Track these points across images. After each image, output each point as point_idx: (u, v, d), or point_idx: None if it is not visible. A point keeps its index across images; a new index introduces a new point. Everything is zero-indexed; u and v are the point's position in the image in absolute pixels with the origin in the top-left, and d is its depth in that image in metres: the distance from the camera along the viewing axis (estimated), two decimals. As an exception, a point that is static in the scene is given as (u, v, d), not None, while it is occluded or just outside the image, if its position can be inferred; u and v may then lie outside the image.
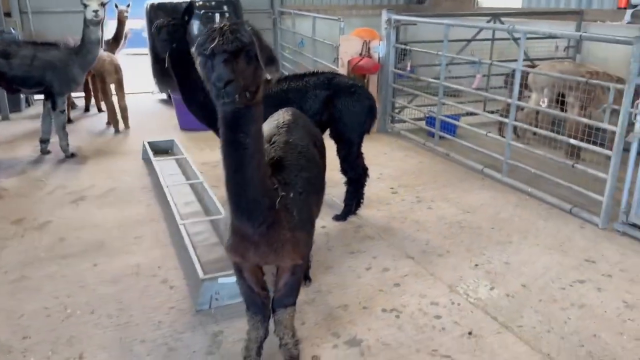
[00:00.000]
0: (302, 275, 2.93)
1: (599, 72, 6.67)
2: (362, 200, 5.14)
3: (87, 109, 9.54)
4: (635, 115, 4.51)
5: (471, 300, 3.79)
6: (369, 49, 8.07)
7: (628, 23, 8.48)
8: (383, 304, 3.75)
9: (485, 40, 8.72)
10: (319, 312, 3.65)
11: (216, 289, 3.72)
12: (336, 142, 4.84)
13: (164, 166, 6.26)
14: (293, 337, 3.04)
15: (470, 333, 3.44)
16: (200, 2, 9.85)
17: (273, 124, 3.05)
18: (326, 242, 4.61)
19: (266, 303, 2.93)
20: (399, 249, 4.52)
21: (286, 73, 10.63)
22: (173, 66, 4.33)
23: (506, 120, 6.12)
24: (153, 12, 9.25)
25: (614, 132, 4.80)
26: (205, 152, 7.19)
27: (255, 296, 2.90)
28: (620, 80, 6.31)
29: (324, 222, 4.95)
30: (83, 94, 9.42)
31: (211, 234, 4.78)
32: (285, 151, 2.78)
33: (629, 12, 8.55)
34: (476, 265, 4.29)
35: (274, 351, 3.13)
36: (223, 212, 4.73)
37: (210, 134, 8.43)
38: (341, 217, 5.09)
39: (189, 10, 4.31)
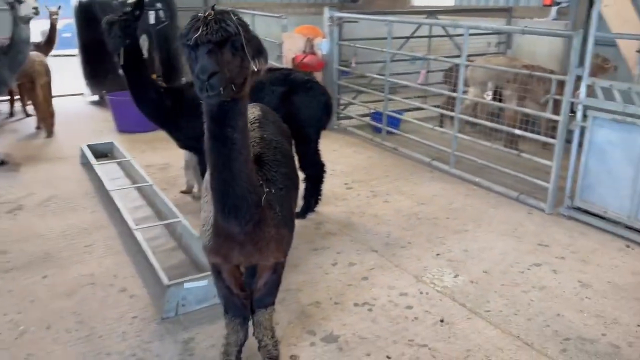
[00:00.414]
0: (282, 272, 2.86)
1: (533, 66, 7.01)
2: (319, 197, 5.11)
3: (11, 114, 8.91)
4: (577, 104, 4.77)
5: (438, 289, 3.86)
6: (312, 46, 8.06)
7: (554, 19, 8.97)
8: (354, 298, 3.74)
9: (423, 38, 8.97)
10: (291, 311, 3.58)
11: (182, 295, 3.57)
12: (294, 138, 4.77)
13: (106, 170, 5.94)
14: (272, 337, 2.97)
15: (442, 321, 3.50)
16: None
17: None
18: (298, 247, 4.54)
19: (245, 304, 2.84)
20: (363, 243, 4.53)
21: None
22: (126, 63, 4.11)
23: (452, 113, 6.29)
24: (83, 11, 8.78)
25: (554, 121, 5.06)
26: (148, 154, 6.91)
27: (234, 298, 2.79)
28: (553, 72, 6.69)
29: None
30: (7, 97, 8.78)
31: (167, 238, 4.59)
32: (262, 147, 2.70)
33: (554, 9, 9.05)
34: (438, 254, 4.37)
35: (253, 352, 3.04)
36: (180, 215, 4.60)
37: (151, 135, 8.21)
38: (300, 214, 5.03)
39: (140, 4, 4.11)
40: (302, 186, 4.94)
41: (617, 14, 8.18)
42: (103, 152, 6.77)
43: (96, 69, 9.21)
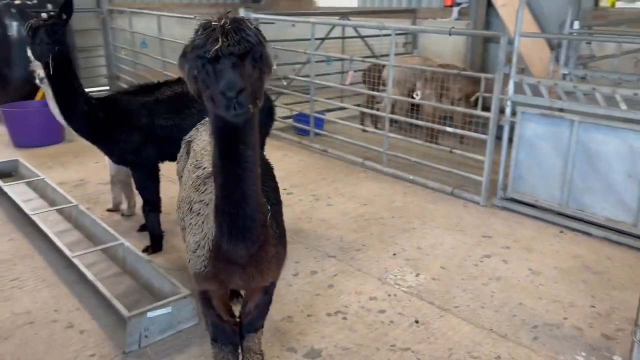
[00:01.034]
0: (273, 292, 2.70)
1: (448, 64, 7.35)
2: (265, 205, 4.94)
3: None
4: (506, 101, 5.05)
5: (404, 290, 3.89)
6: (228, 48, 7.80)
7: (456, 19, 9.47)
8: (325, 308, 3.65)
9: (339, 39, 9.09)
10: (265, 329, 3.40)
11: (145, 326, 3.26)
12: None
13: (15, 191, 5.30)
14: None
15: (417, 321, 3.52)
16: (20, 1, 8.55)
17: None
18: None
19: (235, 330, 2.64)
20: (318, 250, 4.44)
21: (128, 78, 9.91)
22: (55, 73, 3.65)
23: (382, 114, 6.40)
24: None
25: (470, 116, 5.32)
26: (57, 171, 6.30)
27: (224, 325, 2.59)
28: (464, 70, 7.05)
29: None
30: None
31: (108, 264, 4.19)
32: None
33: (455, 9, 9.55)
34: (394, 254, 4.41)
35: (241, 381, 2.84)
36: (119, 237, 4.22)
37: (53, 149, 7.50)
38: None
39: (67, 6, 3.67)
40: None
41: (514, 14, 8.82)
42: (6, 172, 6.05)
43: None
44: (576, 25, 5.85)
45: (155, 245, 4.42)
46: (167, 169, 4.45)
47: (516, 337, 3.37)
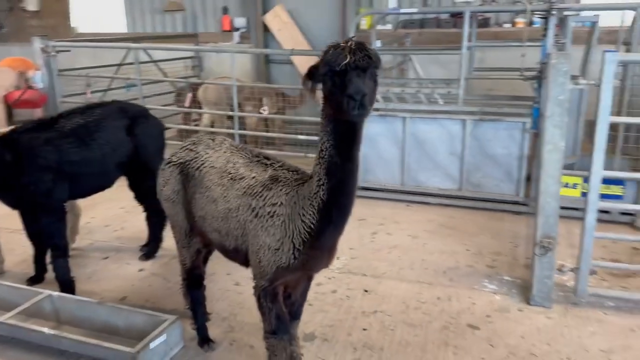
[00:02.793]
0: (311, 278, 3.07)
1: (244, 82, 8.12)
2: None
3: None
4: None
5: (337, 271, 4.50)
6: (27, 80, 7.04)
7: (238, 42, 10.25)
8: (287, 301, 4.03)
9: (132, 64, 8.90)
10: (253, 330, 3.64)
11: (149, 358, 3.18)
12: (138, 173, 4.48)
13: None
14: (298, 345, 3.12)
15: (366, 290, 4.21)
16: None
17: (242, 155, 3.01)
18: (167, 286, 4.34)
19: (288, 320, 2.93)
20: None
21: None
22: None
23: (232, 130, 6.78)
24: None
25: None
26: None
27: (284, 316, 2.86)
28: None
29: (143, 266, 4.60)
30: None
31: (34, 320, 3.70)
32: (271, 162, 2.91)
33: (236, 33, 10.33)
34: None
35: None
36: (40, 289, 3.78)
37: None
38: (151, 252, 4.77)
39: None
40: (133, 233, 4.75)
41: (290, 36, 10.08)
42: None
43: None
44: (378, 44, 7.23)
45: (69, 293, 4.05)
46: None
47: (438, 282, 4.35)
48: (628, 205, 5.06)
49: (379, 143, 6.11)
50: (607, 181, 4.66)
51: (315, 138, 2.21)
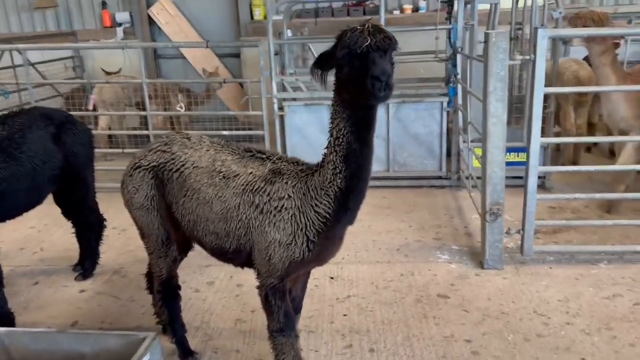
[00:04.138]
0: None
1: (155, 83, 7.70)
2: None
3: None
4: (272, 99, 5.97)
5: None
6: None
7: (123, 39, 9.57)
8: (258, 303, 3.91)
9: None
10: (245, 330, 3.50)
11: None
12: (68, 184, 4.04)
13: None
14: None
15: (332, 278, 4.23)
16: None
17: (230, 151, 2.84)
18: (121, 304, 3.99)
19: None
20: (205, 259, 4.39)
21: None
22: None
23: (146, 132, 6.34)
24: None
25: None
26: None
27: (291, 312, 2.78)
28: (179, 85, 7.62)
29: (83, 286, 4.17)
30: None
31: None
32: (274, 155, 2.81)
33: (119, 29, 9.65)
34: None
35: None
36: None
37: None
38: (88, 270, 4.35)
39: None
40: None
41: (179, 29, 9.65)
42: None
43: None
44: (289, 34, 7.17)
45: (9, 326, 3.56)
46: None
47: (396, 259, 4.49)
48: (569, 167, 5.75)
49: (306, 132, 6.11)
50: (513, 149, 5.40)
51: (238, 133, 2.15)
